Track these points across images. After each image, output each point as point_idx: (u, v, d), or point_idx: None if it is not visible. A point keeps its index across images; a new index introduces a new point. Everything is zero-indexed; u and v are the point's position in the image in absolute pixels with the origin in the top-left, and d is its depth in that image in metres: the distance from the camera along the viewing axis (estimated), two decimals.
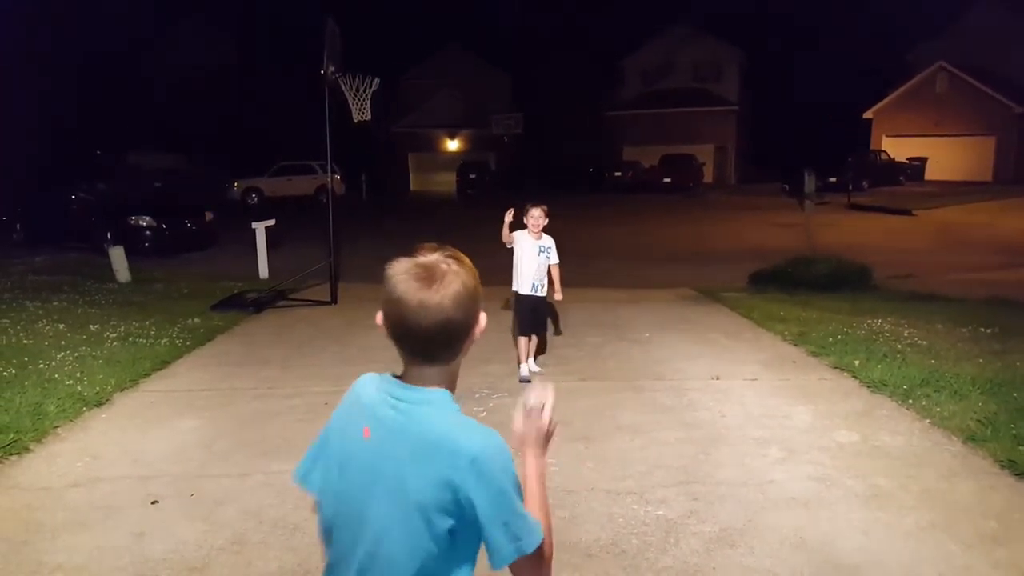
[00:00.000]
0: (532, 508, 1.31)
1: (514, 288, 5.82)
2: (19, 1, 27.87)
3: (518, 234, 5.69)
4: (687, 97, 39.14)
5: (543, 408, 1.42)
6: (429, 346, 1.30)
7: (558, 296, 5.91)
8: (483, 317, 1.35)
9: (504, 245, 5.77)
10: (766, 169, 35.79)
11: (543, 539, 1.27)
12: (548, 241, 5.77)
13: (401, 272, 1.29)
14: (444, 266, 1.29)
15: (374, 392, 1.35)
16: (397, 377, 1.35)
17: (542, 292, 5.76)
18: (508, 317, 6.37)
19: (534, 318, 5.81)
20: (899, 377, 5.33)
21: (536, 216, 5.64)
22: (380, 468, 1.28)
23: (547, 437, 1.42)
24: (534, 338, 5.93)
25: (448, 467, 1.22)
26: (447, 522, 1.23)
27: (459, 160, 38.49)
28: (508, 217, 5.62)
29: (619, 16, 44.10)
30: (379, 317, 1.33)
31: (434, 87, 41.48)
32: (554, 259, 5.80)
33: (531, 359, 5.89)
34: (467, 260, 1.35)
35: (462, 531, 1.24)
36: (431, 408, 1.30)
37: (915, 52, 39.56)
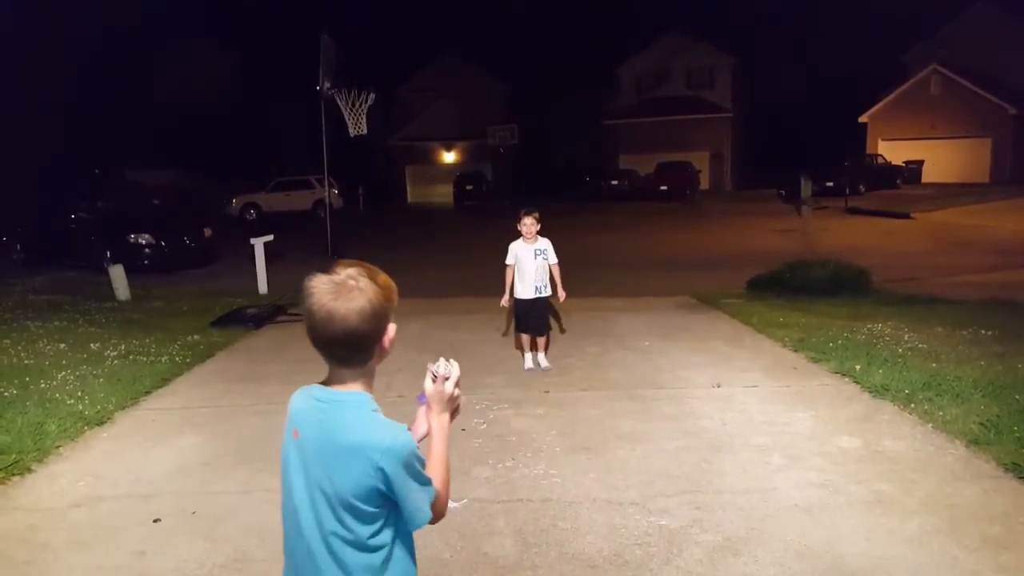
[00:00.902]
0: (434, 461, 1.58)
1: (516, 295, 6.06)
2: (17, 18, 27.99)
3: (513, 246, 6.01)
4: (682, 104, 39.32)
5: (448, 378, 1.62)
6: (339, 351, 1.51)
7: (561, 295, 6.12)
8: (392, 328, 1.55)
9: (505, 265, 6.11)
10: (762, 175, 35.91)
11: (437, 493, 1.53)
12: (544, 243, 6.02)
13: (315, 286, 1.48)
14: (352, 283, 1.48)
15: (301, 399, 1.58)
16: (321, 382, 1.56)
17: (545, 292, 6.03)
18: (499, 325, 6.38)
19: (536, 318, 6.07)
20: (900, 381, 5.33)
21: (528, 224, 5.96)
22: (308, 462, 1.51)
23: (450, 401, 1.63)
24: (539, 341, 6.17)
25: (366, 463, 1.44)
26: (372, 509, 1.48)
27: (456, 171, 38.60)
28: (505, 303, 6.16)
29: (613, 25, 44.30)
30: (305, 323, 1.52)
31: (430, 99, 41.65)
32: (552, 259, 6.04)
33: (541, 355, 6.17)
34: (381, 277, 1.53)
35: (385, 513, 1.50)
36: (349, 410, 1.50)
37: (909, 54, 39.78)
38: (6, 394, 5.45)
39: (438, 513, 1.54)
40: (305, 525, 1.52)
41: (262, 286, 10.68)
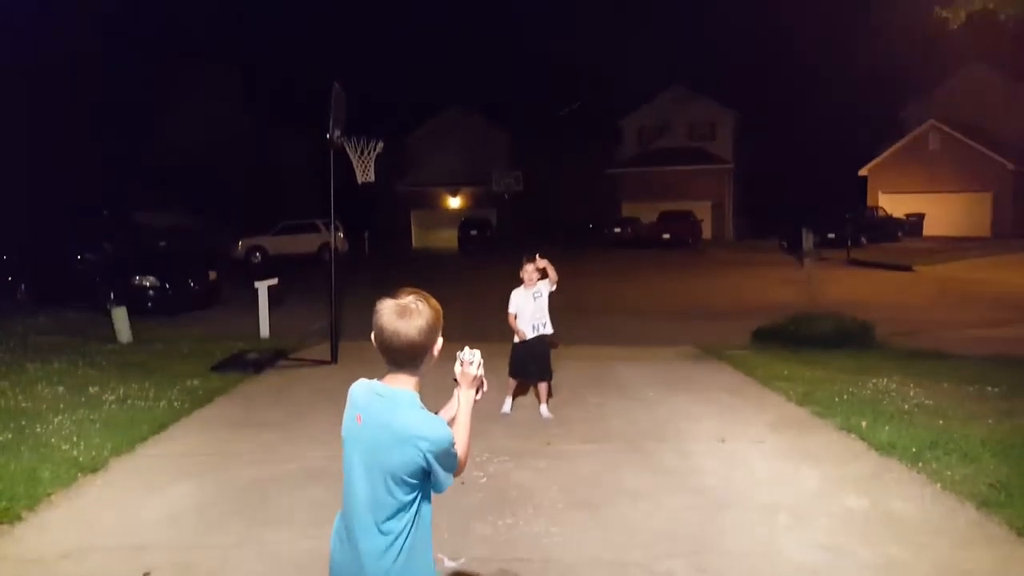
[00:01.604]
0: (458, 428, 2.06)
1: (517, 339, 6.19)
2: (25, 59, 28.53)
3: (515, 296, 6.21)
4: (684, 156, 39.78)
5: (472, 362, 2.11)
6: (400, 358, 1.95)
7: (550, 271, 6.22)
8: (439, 342, 2.00)
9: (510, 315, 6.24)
10: (763, 226, 36.07)
11: (459, 457, 2.02)
12: (542, 285, 6.20)
13: (384, 308, 1.95)
14: (413, 306, 1.94)
15: (364, 392, 2.02)
16: (381, 380, 2.01)
17: (545, 331, 6.17)
18: (500, 371, 6.31)
19: (535, 362, 6.16)
20: (907, 439, 5.25)
21: (529, 271, 6.13)
22: (369, 445, 1.95)
23: (474, 380, 2.13)
24: (541, 387, 6.26)
25: (415, 448, 1.89)
26: (413, 480, 1.92)
27: (461, 217, 38.86)
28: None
29: (617, 78, 45.07)
30: (373, 336, 1.97)
31: (436, 146, 42.18)
32: (546, 291, 6.25)
33: (543, 406, 6.23)
34: (432, 300, 2.00)
35: (421, 483, 1.95)
36: (402, 406, 1.94)
37: (906, 111, 40.30)
38: (0, 439, 5.38)
39: (460, 470, 2.05)
40: (359, 485, 1.96)
41: (264, 330, 10.65)
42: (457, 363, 2.11)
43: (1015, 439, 5.20)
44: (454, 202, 42.21)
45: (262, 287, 10.89)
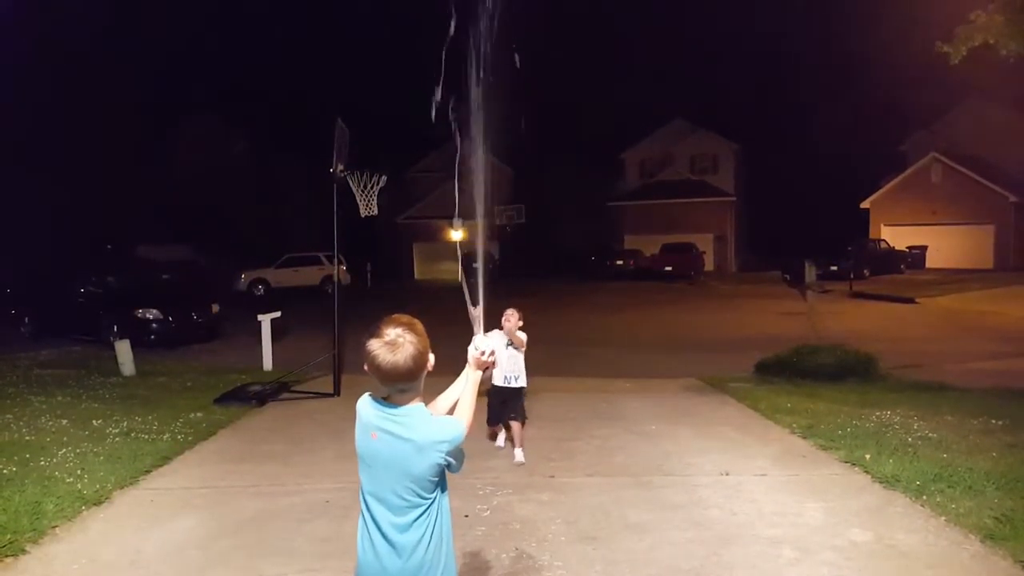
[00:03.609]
0: (462, 404, 2.29)
1: (491, 382, 6.00)
2: (29, 94, 28.93)
3: (492, 336, 5.70)
4: (685, 188, 40.02)
5: (487, 352, 2.36)
6: (401, 385, 2.13)
7: (518, 337, 5.85)
8: (432, 358, 2.18)
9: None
10: (766, 258, 36.17)
11: (466, 428, 2.22)
12: (518, 333, 5.91)
13: (376, 348, 2.11)
14: (401, 339, 2.10)
15: (373, 411, 2.18)
16: (383, 398, 2.18)
17: (515, 384, 5.95)
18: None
19: (504, 409, 6.01)
20: (911, 472, 5.23)
21: (507, 314, 5.86)
22: (390, 458, 2.11)
23: (483, 364, 2.37)
24: (514, 427, 6.01)
25: (436, 453, 2.10)
26: (435, 479, 2.14)
27: (462, 249, 39.00)
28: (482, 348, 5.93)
29: (618, 111, 45.57)
30: (365, 367, 2.13)
31: (438, 179, 42.51)
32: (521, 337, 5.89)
33: (518, 450, 5.95)
34: (417, 325, 2.16)
35: (441, 479, 2.17)
36: (416, 418, 2.13)
37: (908, 143, 40.60)
38: (5, 471, 5.39)
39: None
40: (385, 493, 2.13)
41: (267, 363, 10.68)
42: (472, 347, 2.35)
43: (1020, 472, 5.18)
44: (456, 235, 42.40)
45: (265, 320, 10.94)
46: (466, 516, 4.66)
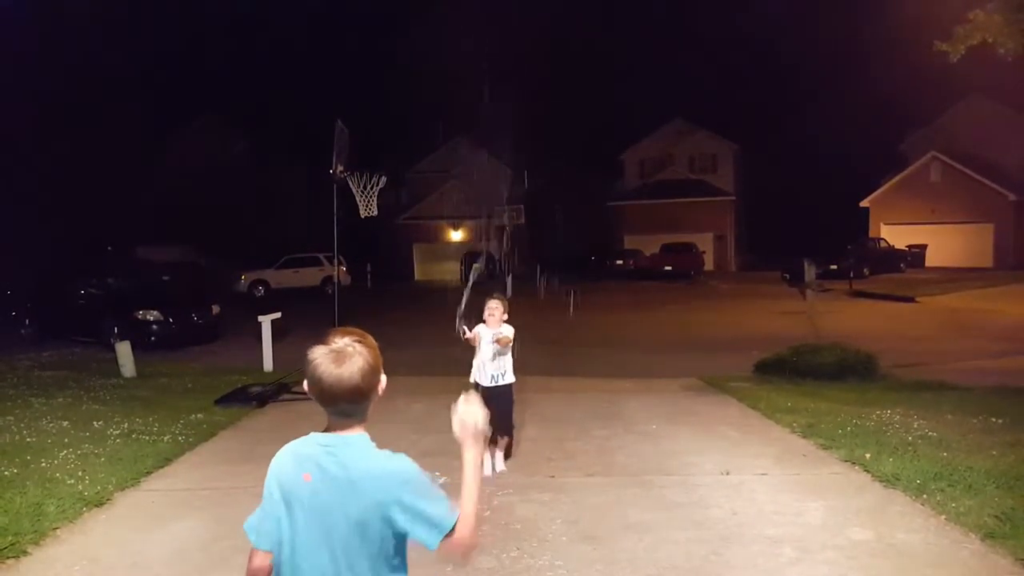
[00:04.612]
0: (465, 492, 1.77)
1: (472, 379, 5.57)
2: (30, 96, 28.96)
3: (479, 328, 5.51)
4: (685, 188, 40.08)
5: (472, 420, 1.86)
6: (344, 406, 1.76)
7: (502, 338, 5.39)
8: (384, 380, 1.82)
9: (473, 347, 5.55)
10: (765, 257, 36.21)
11: (457, 518, 1.71)
12: (506, 329, 5.48)
13: (319, 356, 1.75)
14: (351, 349, 1.76)
15: (308, 448, 1.79)
16: (322, 431, 1.80)
17: (504, 380, 5.54)
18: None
19: (495, 411, 5.54)
20: (912, 471, 5.24)
21: (491, 308, 5.48)
22: (325, 502, 1.70)
23: (477, 435, 1.86)
24: (500, 440, 5.54)
25: (379, 489, 1.68)
26: (386, 529, 1.68)
27: (463, 250, 39.05)
28: (468, 334, 5.39)
29: (618, 111, 45.62)
30: (305, 385, 1.79)
31: (439, 179, 42.53)
32: (508, 333, 5.45)
33: (499, 456, 5.59)
34: (369, 339, 1.82)
35: (396, 533, 1.70)
36: (357, 449, 1.74)
37: (907, 142, 40.64)
38: (6, 473, 5.39)
39: (469, 547, 1.72)
40: (317, 558, 1.70)
41: (267, 364, 10.68)
42: (455, 418, 1.86)
43: (1020, 470, 5.19)
44: (456, 235, 42.42)
45: (265, 321, 10.95)
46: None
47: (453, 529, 1.68)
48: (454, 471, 1.85)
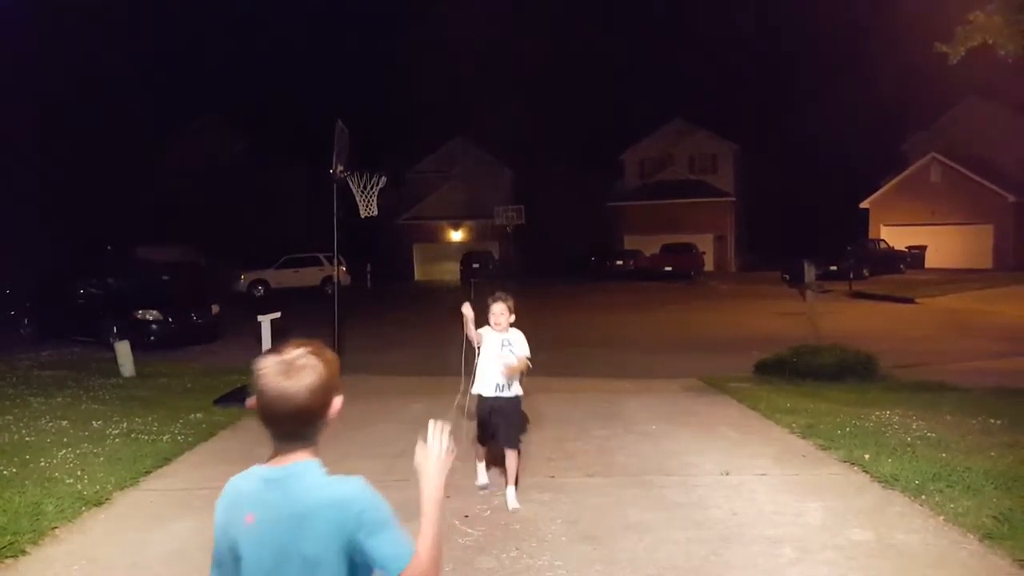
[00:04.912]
0: (424, 522, 1.59)
1: (475, 390, 5.01)
2: (30, 97, 28.98)
3: (484, 331, 4.99)
4: (685, 188, 40.09)
5: (439, 450, 1.68)
6: (289, 427, 1.57)
7: (510, 365, 4.85)
8: (337, 401, 1.62)
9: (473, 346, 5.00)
10: (765, 258, 36.22)
11: (417, 549, 1.53)
12: (515, 335, 4.97)
13: (266, 367, 1.56)
14: (302, 361, 1.56)
15: (248, 484, 1.59)
16: (266, 463, 1.59)
17: (509, 392, 4.93)
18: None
19: (497, 423, 4.90)
20: (910, 471, 5.24)
21: (496, 313, 4.94)
22: (273, 543, 1.51)
23: (441, 465, 1.67)
24: (507, 458, 4.93)
25: (333, 522, 1.49)
26: (342, 565, 1.50)
27: (463, 250, 39.07)
28: (468, 312, 4.89)
29: (619, 111, 45.66)
30: (251, 401, 1.63)
31: (439, 180, 42.56)
32: (521, 351, 4.92)
33: (510, 489, 4.91)
34: (327, 352, 1.61)
35: (352, 568, 1.52)
36: (304, 479, 1.55)
37: (907, 143, 40.65)
38: (5, 472, 5.40)
39: (429, 564, 1.54)
40: None
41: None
42: (418, 447, 1.68)
43: (1018, 471, 5.19)
44: (456, 235, 42.45)
45: (265, 321, 10.93)
46: (466, 516, 4.67)
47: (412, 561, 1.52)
48: (453, 471, 1.82)
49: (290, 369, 1.54)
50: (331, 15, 74.33)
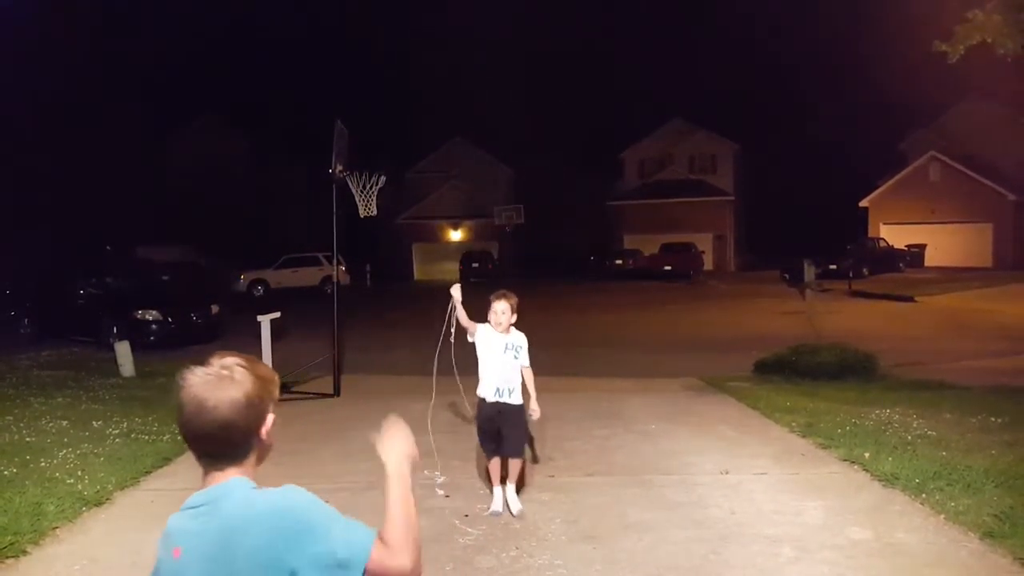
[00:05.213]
0: (391, 508, 1.43)
1: (479, 393, 4.73)
2: (30, 97, 28.98)
3: (482, 327, 4.69)
4: (685, 188, 40.09)
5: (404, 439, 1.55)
6: (211, 446, 1.41)
7: (534, 410, 4.71)
8: (270, 420, 1.47)
9: (467, 338, 4.75)
10: (765, 257, 36.23)
11: (385, 536, 1.37)
12: (518, 338, 4.70)
13: (188, 378, 1.42)
14: (226, 372, 1.41)
15: (176, 517, 1.44)
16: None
17: (511, 399, 4.62)
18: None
19: (500, 432, 4.63)
20: (910, 470, 5.24)
21: (499, 312, 4.61)
22: (203, 572, 1.35)
23: (405, 452, 1.53)
24: (511, 465, 4.70)
25: (270, 539, 1.32)
26: None
27: (463, 249, 39.07)
28: (456, 294, 4.69)
29: (618, 111, 45.67)
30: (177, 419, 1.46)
31: (438, 180, 42.57)
32: (525, 360, 4.68)
33: (511, 490, 4.71)
34: (260, 368, 1.47)
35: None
36: (231, 499, 1.38)
37: (906, 142, 40.66)
38: (6, 473, 5.40)
39: (405, 569, 1.35)
40: None
41: (266, 363, 10.68)
42: (382, 433, 1.57)
43: (1019, 470, 5.19)
44: (456, 235, 42.46)
45: (264, 321, 10.93)
46: (466, 515, 4.67)
47: (375, 554, 1.35)
48: (454, 470, 1.83)
49: (212, 380, 1.41)
50: (331, 15, 74.34)
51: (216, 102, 43.13)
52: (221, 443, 1.41)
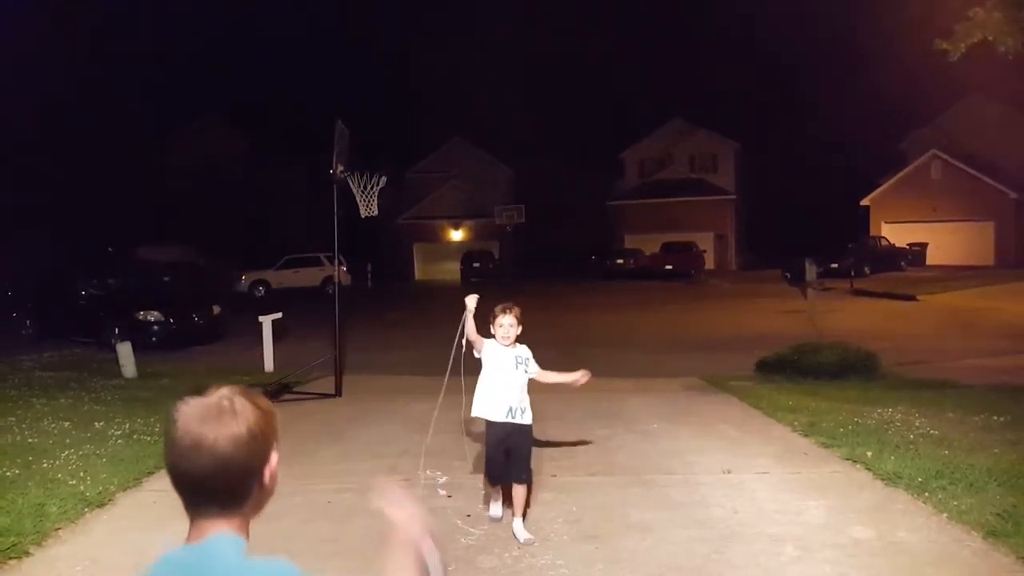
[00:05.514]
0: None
1: (476, 413, 4.48)
2: (30, 99, 29.01)
3: (489, 343, 4.47)
4: (685, 187, 40.07)
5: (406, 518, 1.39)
6: (209, 490, 1.22)
7: (583, 375, 4.61)
8: (274, 459, 1.29)
9: (474, 352, 4.55)
10: (766, 256, 36.22)
11: None
12: (524, 350, 4.49)
13: (181, 411, 1.23)
14: (226, 403, 1.23)
15: (158, 569, 1.25)
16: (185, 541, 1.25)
17: (523, 419, 4.39)
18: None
19: (508, 454, 4.39)
20: (913, 469, 5.23)
21: (506, 326, 4.40)
22: None
23: (417, 527, 1.38)
24: (516, 491, 4.39)
25: None
26: None
27: (463, 249, 39.07)
28: (471, 304, 4.52)
29: (618, 111, 45.66)
30: (165, 457, 1.28)
31: (439, 179, 42.58)
32: (535, 369, 4.51)
33: (518, 521, 4.37)
34: (261, 400, 1.29)
35: None
36: (213, 564, 1.20)
37: (907, 141, 40.63)
38: (8, 474, 5.40)
39: None
40: None
41: (268, 364, 10.69)
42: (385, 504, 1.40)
43: (1021, 468, 5.18)
44: (456, 235, 42.46)
45: (266, 321, 10.95)
46: (468, 515, 4.67)
47: None
48: (455, 470, 1.82)
49: (210, 413, 1.22)
50: (331, 15, 74.36)
51: (216, 102, 43.18)
52: (218, 485, 1.22)
